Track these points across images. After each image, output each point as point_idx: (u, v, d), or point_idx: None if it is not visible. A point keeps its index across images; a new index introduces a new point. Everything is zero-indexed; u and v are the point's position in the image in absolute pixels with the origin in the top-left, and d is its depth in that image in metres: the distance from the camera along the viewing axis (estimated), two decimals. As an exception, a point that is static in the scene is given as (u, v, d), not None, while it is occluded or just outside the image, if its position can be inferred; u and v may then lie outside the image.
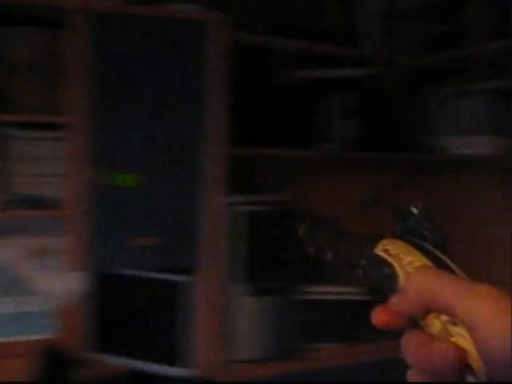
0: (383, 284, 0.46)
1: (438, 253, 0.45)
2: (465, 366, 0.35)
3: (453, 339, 0.36)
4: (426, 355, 0.36)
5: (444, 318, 0.37)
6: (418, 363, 0.37)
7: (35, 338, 2.07)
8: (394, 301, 0.41)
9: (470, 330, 0.35)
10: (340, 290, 2.06)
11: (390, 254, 0.46)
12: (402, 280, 0.43)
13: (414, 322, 0.40)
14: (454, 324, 0.36)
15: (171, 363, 1.98)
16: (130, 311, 2.04)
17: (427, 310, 0.38)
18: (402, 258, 0.45)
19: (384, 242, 0.48)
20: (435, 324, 0.38)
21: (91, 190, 1.88)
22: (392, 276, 0.44)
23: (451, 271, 0.41)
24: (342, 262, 0.55)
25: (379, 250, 0.48)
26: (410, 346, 0.38)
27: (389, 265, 0.46)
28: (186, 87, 2.00)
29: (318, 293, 2.10)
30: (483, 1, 2.20)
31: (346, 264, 0.54)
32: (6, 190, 1.92)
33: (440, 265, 0.42)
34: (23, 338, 2.07)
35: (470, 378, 0.34)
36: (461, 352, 0.35)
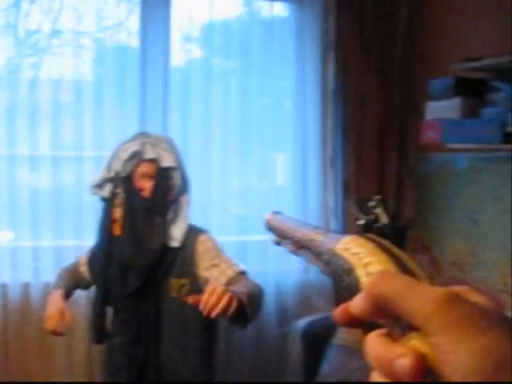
0: (344, 279, 0.46)
1: (398, 252, 0.44)
2: (425, 370, 0.34)
3: (412, 342, 0.36)
4: (386, 360, 0.36)
5: (403, 322, 0.37)
6: (379, 367, 0.37)
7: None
8: (354, 303, 0.40)
9: (427, 336, 0.35)
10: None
11: (350, 253, 0.46)
12: (361, 279, 0.43)
13: (375, 323, 0.40)
14: (414, 328, 0.36)
15: None
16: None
17: (385, 314, 0.38)
18: (362, 258, 0.45)
19: (346, 239, 0.48)
20: (395, 328, 0.38)
21: None
22: (351, 273, 0.44)
23: (410, 272, 0.40)
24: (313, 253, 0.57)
25: (339, 249, 0.48)
26: (371, 350, 0.38)
27: (348, 262, 0.46)
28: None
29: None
30: None
31: (315, 256, 0.56)
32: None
33: (399, 265, 0.42)
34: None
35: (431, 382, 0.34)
36: (419, 357, 0.34)
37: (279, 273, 2.97)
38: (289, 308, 2.99)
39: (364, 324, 0.41)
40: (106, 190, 2.15)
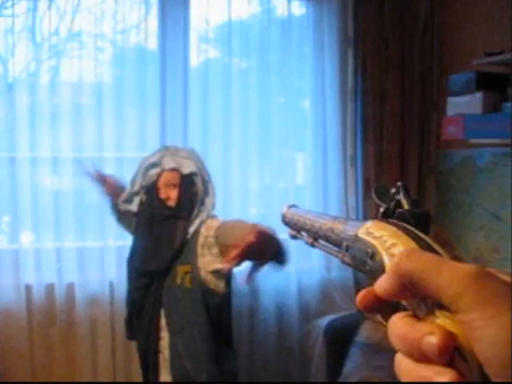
0: (367, 263, 0.46)
1: (421, 234, 0.44)
2: (454, 349, 0.34)
3: (439, 321, 0.35)
4: (413, 339, 0.35)
5: (430, 300, 0.36)
6: (405, 347, 0.36)
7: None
8: (379, 284, 0.39)
9: (457, 313, 0.34)
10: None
11: (373, 237, 0.46)
12: (385, 262, 0.43)
13: (400, 305, 0.40)
14: (440, 307, 0.35)
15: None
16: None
17: (412, 293, 0.37)
18: (386, 241, 0.44)
19: (367, 225, 0.48)
20: (421, 307, 0.37)
21: None
22: (375, 256, 0.44)
23: (435, 252, 0.40)
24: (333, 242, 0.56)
25: (362, 233, 0.48)
26: (396, 331, 0.37)
27: (372, 245, 0.46)
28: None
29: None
30: None
31: (335, 245, 0.56)
32: None
33: (423, 246, 0.41)
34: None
35: (459, 360, 0.34)
36: (448, 334, 0.34)
37: (301, 271, 2.97)
38: (311, 306, 2.98)
39: (386, 307, 0.40)
40: (134, 205, 2.27)
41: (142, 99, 2.86)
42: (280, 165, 3.03)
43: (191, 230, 2.11)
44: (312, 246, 0.67)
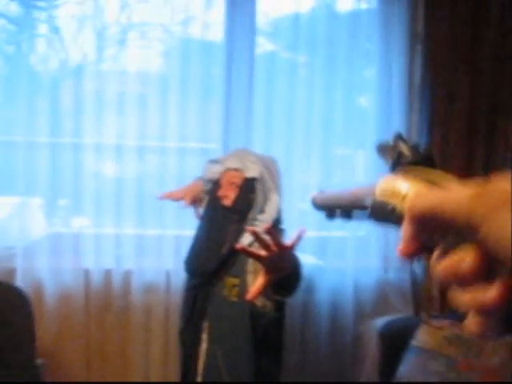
0: (390, 219, 0.49)
1: (426, 171, 0.47)
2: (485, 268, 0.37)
3: (467, 248, 0.38)
4: (451, 267, 0.38)
5: (451, 233, 0.39)
6: (447, 278, 0.38)
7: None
8: (404, 232, 0.42)
9: (476, 228, 0.36)
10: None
11: (388, 194, 0.50)
12: (403, 212, 0.45)
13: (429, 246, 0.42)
14: (463, 239, 0.38)
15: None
16: None
17: (438, 231, 0.40)
18: (398, 193, 0.48)
19: (379, 185, 0.53)
20: (448, 246, 0.39)
21: None
22: (395, 212, 0.48)
23: (445, 187, 0.41)
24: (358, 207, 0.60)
25: (378, 195, 0.52)
26: (436, 267, 0.39)
27: (389, 203, 0.50)
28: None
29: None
30: None
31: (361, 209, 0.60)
32: None
33: (433, 183, 0.45)
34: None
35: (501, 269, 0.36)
36: (478, 253, 0.36)
37: (358, 270, 2.92)
38: (366, 306, 2.93)
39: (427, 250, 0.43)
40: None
41: (206, 90, 2.85)
42: (342, 162, 2.99)
43: (245, 241, 2.04)
44: (348, 219, 0.69)
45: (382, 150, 0.62)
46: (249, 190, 2.13)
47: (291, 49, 2.96)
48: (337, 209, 0.71)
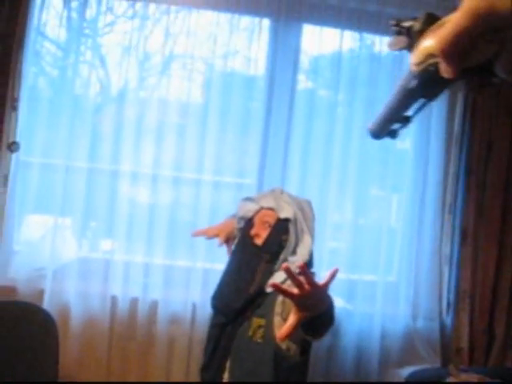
0: (438, 78, 0.53)
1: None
2: None
3: None
4: None
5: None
6: None
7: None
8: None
9: None
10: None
11: (422, 59, 0.55)
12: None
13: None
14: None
15: None
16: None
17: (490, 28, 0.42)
18: (429, 50, 0.53)
19: (412, 60, 0.57)
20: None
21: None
22: (437, 66, 0.52)
23: None
24: None
25: (416, 67, 0.57)
26: None
27: (428, 64, 0.53)
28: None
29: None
30: None
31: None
32: None
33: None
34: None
35: None
36: None
37: (386, 316, 2.87)
38: (393, 354, 2.87)
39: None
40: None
41: (244, 125, 2.86)
42: (376, 204, 2.96)
43: (277, 279, 1.99)
44: (408, 121, 0.72)
45: (393, 43, 0.64)
46: (281, 230, 2.12)
47: (331, 87, 2.97)
48: (394, 123, 0.67)
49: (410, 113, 0.68)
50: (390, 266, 2.95)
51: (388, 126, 0.71)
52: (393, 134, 0.73)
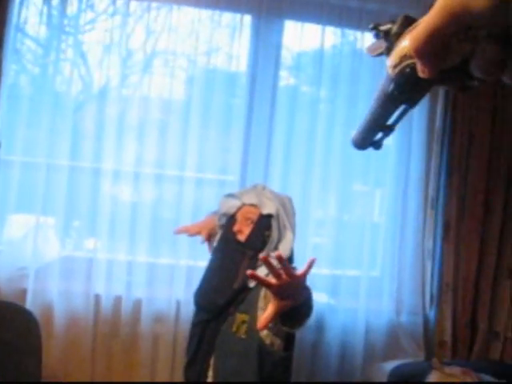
0: (414, 79, 0.52)
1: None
2: None
3: None
4: None
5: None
6: None
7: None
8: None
9: None
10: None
11: (398, 61, 0.53)
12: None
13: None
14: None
15: None
16: None
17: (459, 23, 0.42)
18: (403, 50, 0.52)
19: (389, 62, 0.55)
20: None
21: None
22: (413, 67, 0.51)
23: None
24: None
25: (392, 71, 0.55)
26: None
27: (404, 66, 0.52)
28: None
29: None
30: None
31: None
32: None
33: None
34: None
35: None
36: None
37: (369, 311, 2.89)
38: (377, 348, 2.89)
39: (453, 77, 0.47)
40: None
41: (226, 121, 2.86)
42: (358, 199, 2.97)
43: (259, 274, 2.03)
44: (391, 130, 0.68)
45: (372, 48, 0.63)
46: (264, 226, 2.12)
47: (313, 84, 2.97)
48: (376, 132, 0.70)
49: (391, 121, 0.67)
50: (373, 261, 2.96)
51: (371, 136, 0.70)
52: (376, 145, 0.71)
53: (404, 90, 0.57)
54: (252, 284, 2.02)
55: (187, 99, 2.86)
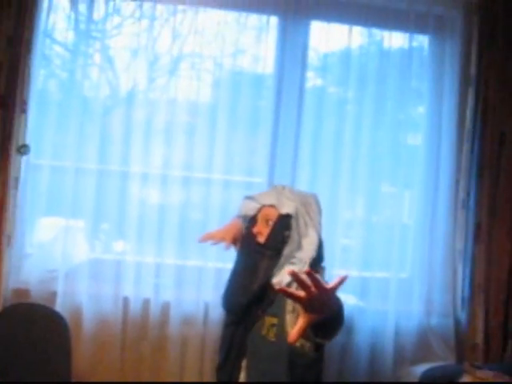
0: None
1: None
2: None
3: None
4: None
5: None
6: None
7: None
8: None
9: None
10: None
11: None
12: None
13: None
14: None
15: None
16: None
17: None
18: None
19: None
20: None
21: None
22: None
23: None
24: None
25: None
26: None
27: None
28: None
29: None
30: None
31: None
32: None
33: None
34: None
35: None
36: None
37: (399, 313, 2.85)
38: (407, 351, 2.85)
39: None
40: None
41: (253, 123, 2.86)
42: (388, 200, 2.94)
43: (284, 280, 2.01)
44: None
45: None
46: (283, 226, 2.11)
47: (340, 84, 2.95)
48: None
49: None
50: (402, 263, 2.93)
51: None
52: None
53: None
54: (278, 286, 2.01)
55: (214, 101, 2.86)
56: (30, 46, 2.62)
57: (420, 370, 2.70)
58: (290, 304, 1.96)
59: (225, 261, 2.66)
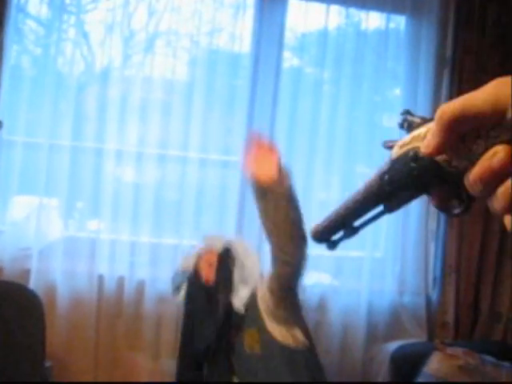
0: (414, 167, 0.48)
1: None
2: None
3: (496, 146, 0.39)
4: (484, 167, 0.39)
5: (482, 131, 0.40)
6: (487, 182, 0.39)
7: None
8: (427, 144, 0.43)
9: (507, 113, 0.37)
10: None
11: (408, 144, 0.50)
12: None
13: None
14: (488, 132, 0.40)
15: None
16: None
17: (469, 131, 0.41)
18: (418, 135, 0.48)
19: (398, 143, 0.52)
20: (479, 143, 0.41)
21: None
22: (418, 154, 0.47)
23: None
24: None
25: (396, 153, 0.51)
26: (471, 174, 0.40)
27: (411, 149, 0.49)
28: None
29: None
30: None
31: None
32: None
33: None
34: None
35: None
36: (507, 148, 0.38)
37: (372, 292, 2.89)
38: (379, 329, 2.90)
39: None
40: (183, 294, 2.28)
41: (229, 102, 2.85)
42: (362, 180, 2.96)
43: (242, 294, 2.06)
44: (353, 232, 0.63)
45: (388, 144, 0.58)
46: (225, 260, 2.16)
47: (317, 65, 2.95)
48: (340, 229, 0.65)
49: (358, 223, 0.62)
50: (376, 242, 2.96)
51: (332, 232, 0.65)
52: (331, 245, 0.66)
53: (395, 180, 0.53)
54: (241, 312, 2.04)
55: (190, 80, 2.85)
56: (2, 20, 2.57)
57: (392, 347, 2.75)
58: (261, 302, 2.00)
59: (200, 238, 2.67)
